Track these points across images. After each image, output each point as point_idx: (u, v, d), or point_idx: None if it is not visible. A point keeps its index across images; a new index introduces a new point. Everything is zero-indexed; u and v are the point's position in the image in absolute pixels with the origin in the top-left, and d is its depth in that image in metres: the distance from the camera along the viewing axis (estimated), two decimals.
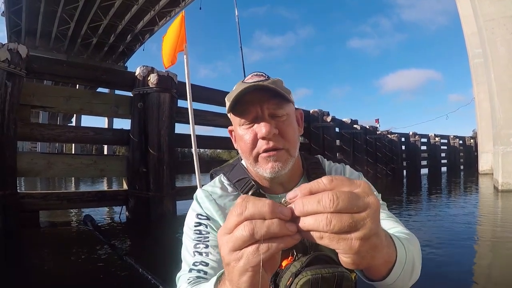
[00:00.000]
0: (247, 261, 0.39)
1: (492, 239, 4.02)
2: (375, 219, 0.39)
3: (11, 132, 3.81)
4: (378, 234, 0.41)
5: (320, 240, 0.38)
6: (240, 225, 0.39)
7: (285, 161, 0.77)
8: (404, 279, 0.57)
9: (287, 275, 0.64)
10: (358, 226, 0.37)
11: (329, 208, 0.36)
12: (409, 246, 0.60)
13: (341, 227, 0.36)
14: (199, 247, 0.75)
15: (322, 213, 0.37)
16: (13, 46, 3.90)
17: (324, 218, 0.36)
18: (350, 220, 0.36)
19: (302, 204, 0.38)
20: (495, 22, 8.46)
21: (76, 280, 2.70)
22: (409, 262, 0.57)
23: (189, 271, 0.73)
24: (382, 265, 0.51)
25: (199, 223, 0.79)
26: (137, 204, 4.63)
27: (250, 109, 0.76)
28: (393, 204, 6.77)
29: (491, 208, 6.41)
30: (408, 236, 0.68)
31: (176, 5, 24.53)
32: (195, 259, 0.74)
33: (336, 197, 0.36)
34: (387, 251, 0.48)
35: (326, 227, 0.36)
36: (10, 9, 22.60)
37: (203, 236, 0.77)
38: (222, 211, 0.80)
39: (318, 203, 0.37)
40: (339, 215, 0.36)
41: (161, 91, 4.72)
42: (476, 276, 2.73)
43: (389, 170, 13.69)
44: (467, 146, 23.29)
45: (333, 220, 0.36)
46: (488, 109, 11.67)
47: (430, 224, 4.84)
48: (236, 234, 0.39)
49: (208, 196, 0.83)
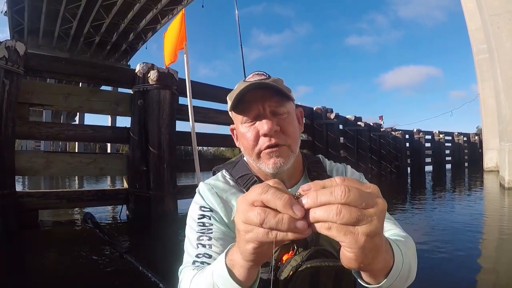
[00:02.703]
0: (255, 236, 0.42)
1: (500, 237, 3.93)
2: (381, 219, 0.41)
3: (9, 130, 3.76)
4: (381, 235, 0.43)
5: (328, 231, 0.39)
6: (254, 210, 0.42)
7: (287, 156, 0.78)
8: (399, 283, 0.58)
9: (288, 269, 0.66)
10: (365, 220, 0.39)
11: (340, 199, 0.38)
12: (406, 251, 0.61)
13: (350, 218, 0.38)
14: (203, 239, 0.75)
15: (333, 204, 0.39)
16: (10, 44, 3.84)
17: (334, 208, 0.38)
18: (359, 213, 0.38)
19: (316, 195, 0.40)
20: (501, 16, 8.33)
21: (76, 278, 2.66)
22: (406, 267, 0.58)
23: (192, 263, 0.73)
24: (379, 270, 0.52)
25: (203, 215, 0.79)
26: (137, 203, 4.57)
27: (252, 107, 0.77)
28: (398, 202, 6.68)
29: (497, 206, 6.29)
30: (404, 239, 0.70)
31: (178, 3, 24.55)
32: (198, 251, 0.74)
33: (348, 189, 0.39)
34: (385, 256, 0.50)
35: (336, 216, 0.38)
36: (12, 9, 22.71)
37: (207, 228, 0.77)
38: (224, 204, 0.81)
39: (330, 194, 0.39)
40: (349, 207, 0.38)
41: (161, 88, 4.65)
42: (482, 276, 2.66)
43: (394, 168, 13.58)
44: (471, 143, 23.05)
45: (343, 210, 0.38)
46: (493, 106, 11.53)
47: (435, 222, 4.75)
48: (250, 215, 0.42)
49: (210, 189, 0.83)
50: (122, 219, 4.84)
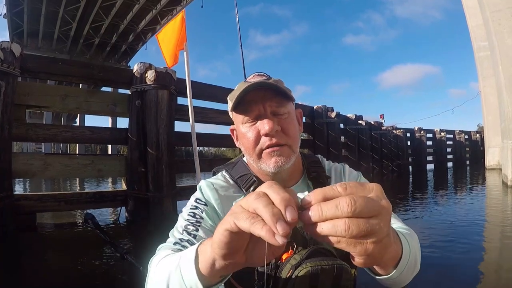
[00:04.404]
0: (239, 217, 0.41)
1: (504, 235, 3.86)
2: (388, 222, 0.40)
3: (5, 133, 3.71)
4: (389, 234, 0.43)
5: (337, 244, 0.39)
6: (246, 215, 0.40)
7: (288, 156, 0.79)
8: (407, 273, 0.59)
9: (287, 268, 0.66)
10: (373, 231, 0.38)
11: (347, 213, 0.37)
12: (411, 241, 0.63)
13: (358, 231, 0.37)
14: (189, 228, 0.76)
15: (340, 218, 0.37)
16: (6, 45, 3.79)
17: (342, 223, 0.37)
18: (367, 225, 0.38)
19: (320, 210, 0.38)
20: (502, 13, 8.27)
21: (77, 278, 2.66)
22: (412, 257, 0.60)
23: (173, 244, 0.73)
24: (389, 261, 0.53)
25: (196, 206, 0.81)
26: (136, 205, 4.51)
27: (253, 107, 0.78)
28: (399, 201, 6.62)
29: (501, 203, 6.23)
30: (408, 231, 0.71)
31: (177, 4, 24.54)
32: (182, 236, 0.74)
33: (353, 201, 0.37)
34: (394, 247, 0.50)
35: (345, 232, 0.37)
36: (11, 11, 22.72)
37: (196, 220, 0.78)
38: (221, 201, 0.82)
39: (336, 208, 0.38)
40: (356, 220, 0.37)
41: (159, 88, 4.58)
42: (485, 275, 2.63)
43: (395, 166, 13.50)
44: (472, 141, 22.98)
45: (351, 226, 0.37)
46: (495, 103, 11.48)
47: (437, 222, 4.70)
48: (241, 216, 0.40)
49: (210, 186, 0.85)
50: (121, 221, 4.79)
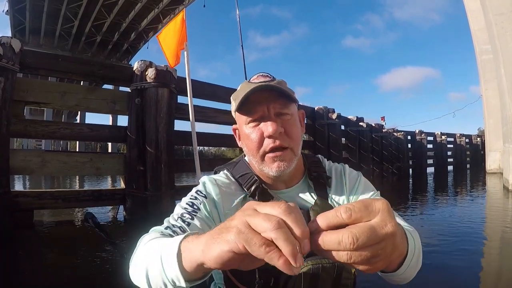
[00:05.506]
0: (244, 238, 0.39)
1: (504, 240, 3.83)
2: (391, 245, 0.41)
3: (3, 129, 3.67)
4: (395, 244, 0.43)
5: (345, 264, 0.40)
6: (260, 241, 0.38)
7: (290, 160, 0.80)
8: (412, 269, 0.60)
9: None
10: (378, 256, 0.39)
11: (349, 248, 0.38)
12: (415, 237, 0.64)
13: (361, 260, 0.38)
14: (185, 216, 0.75)
15: (342, 251, 0.39)
16: (5, 40, 3.76)
17: (345, 254, 0.38)
18: (370, 254, 0.38)
19: (323, 242, 0.39)
20: (505, 16, 8.22)
21: (77, 278, 2.64)
22: (416, 252, 0.61)
23: (165, 228, 0.71)
24: (396, 258, 0.53)
25: (195, 197, 0.81)
26: (134, 203, 4.47)
27: (257, 108, 0.79)
28: (400, 204, 6.59)
29: (502, 208, 6.18)
30: (410, 228, 0.71)
31: (179, 3, 24.57)
32: (176, 223, 0.73)
33: (356, 239, 0.37)
34: (401, 247, 0.50)
35: (348, 260, 0.39)
36: (14, 8, 22.72)
37: (193, 209, 0.77)
38: (222, 196, 0.82)
39: (338, 244, 0.38)
40: (359, 252, 0.38)
41: (159, 86, 4.54)
42: (484, 280, 2.62)
43: (395, 169, 13.46)
44: (473, 144, 22.91)
45: (353, 256, 0.38)
46: (496, 107, 11.43)
47: (438, 225, 4.65)
48: (254, 241, 0.38)
49: (212, 181, 0.85)
50: (119, 219, 4.76)
